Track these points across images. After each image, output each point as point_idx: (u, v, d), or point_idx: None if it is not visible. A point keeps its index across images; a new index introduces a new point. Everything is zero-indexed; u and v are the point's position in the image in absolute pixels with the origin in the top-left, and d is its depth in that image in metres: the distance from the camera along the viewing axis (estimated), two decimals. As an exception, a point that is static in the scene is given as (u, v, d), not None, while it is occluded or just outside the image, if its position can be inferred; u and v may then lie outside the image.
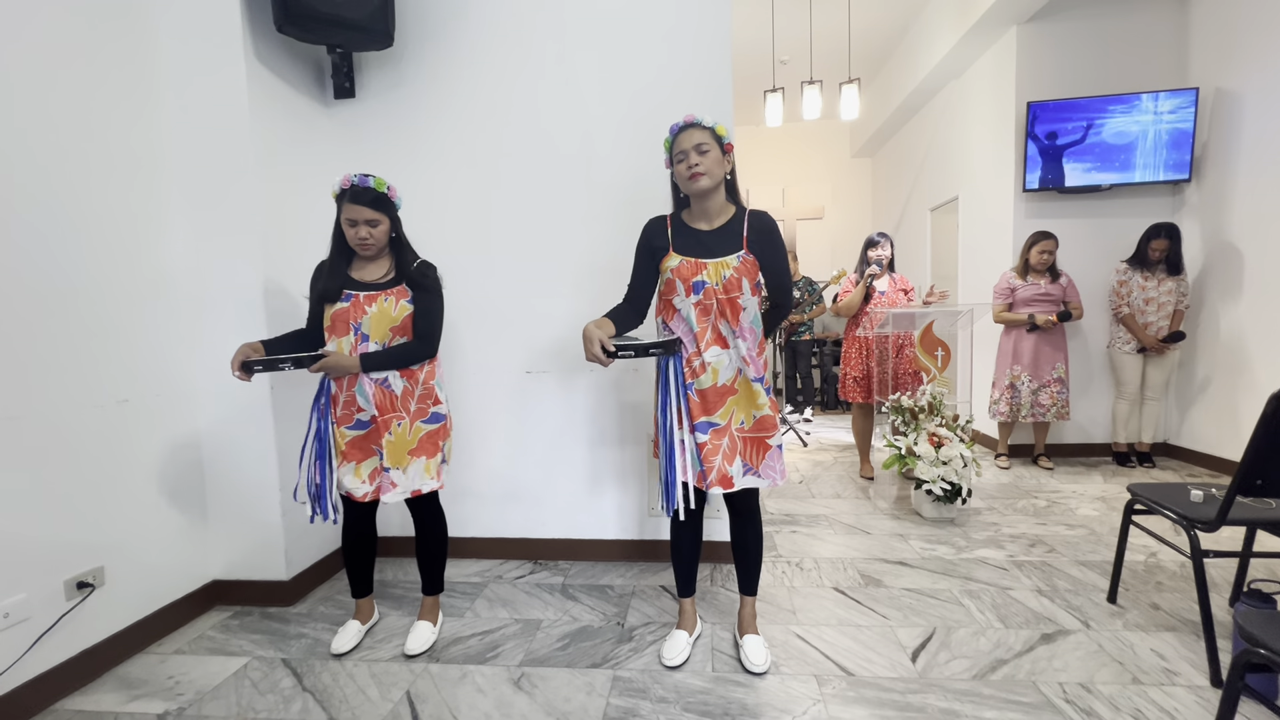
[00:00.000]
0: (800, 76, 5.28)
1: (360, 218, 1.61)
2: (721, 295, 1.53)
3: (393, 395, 1.67)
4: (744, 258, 1.54)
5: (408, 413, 1.70)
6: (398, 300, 1.66)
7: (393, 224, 1.68)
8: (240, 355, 1.56)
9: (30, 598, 1.52)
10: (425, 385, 1.73)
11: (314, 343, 1.71)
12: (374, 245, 1.65)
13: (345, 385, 1.66)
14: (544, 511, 2.40)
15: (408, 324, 1.69)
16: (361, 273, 1.70)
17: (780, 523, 2.76)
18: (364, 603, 1.88)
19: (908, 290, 3.36)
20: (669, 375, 1.56)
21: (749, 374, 1.55)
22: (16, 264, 1.51)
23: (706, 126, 1.53)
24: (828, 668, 1.62)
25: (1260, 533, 1.85)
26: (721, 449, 1.56)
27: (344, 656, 1.74)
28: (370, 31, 2.08)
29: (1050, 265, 3.44)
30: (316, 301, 1.68)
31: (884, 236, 3.31)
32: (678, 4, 2.19)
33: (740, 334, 1.54)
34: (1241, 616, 1.10)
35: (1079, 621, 1.82)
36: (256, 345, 1.63)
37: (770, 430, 1.58)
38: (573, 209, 2.30)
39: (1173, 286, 3.43)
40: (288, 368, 1.56)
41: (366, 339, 1.64)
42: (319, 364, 1.57)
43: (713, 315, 1.54)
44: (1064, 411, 3.46)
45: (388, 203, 1.65)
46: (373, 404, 1.64)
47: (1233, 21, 3.31)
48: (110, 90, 1.77)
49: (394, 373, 1.67)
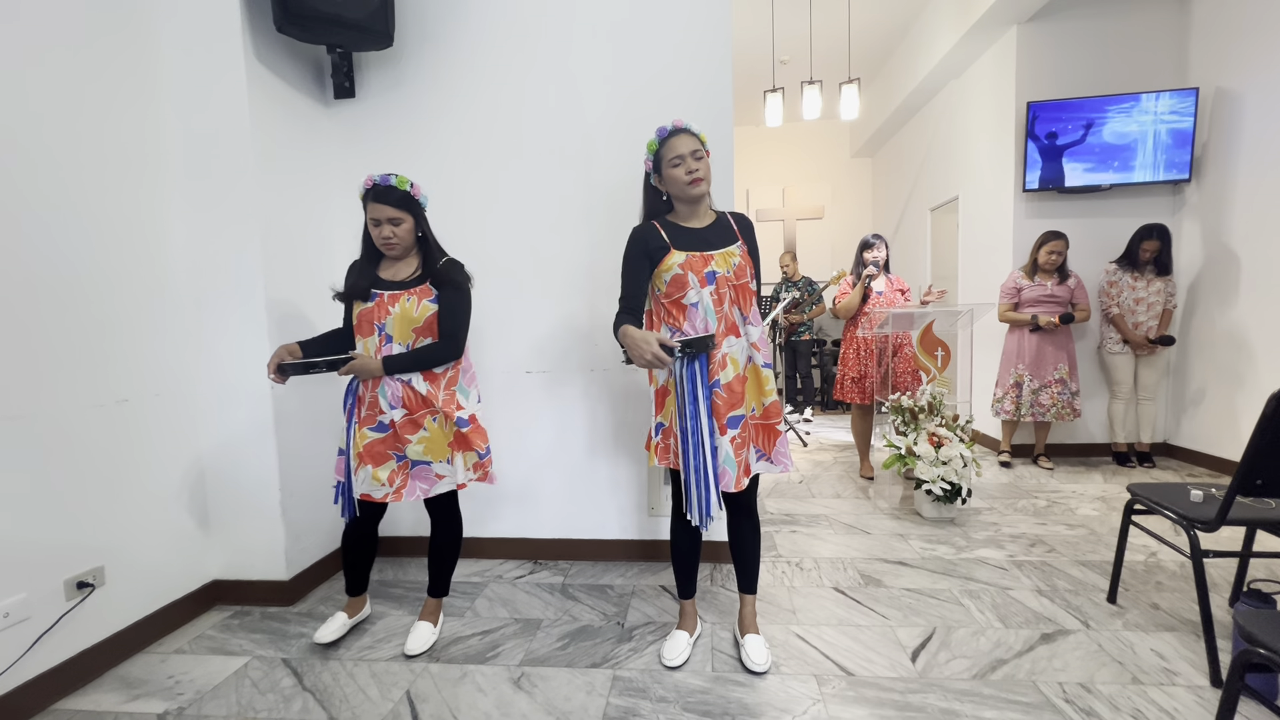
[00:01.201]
0: (800, 76, 5.28)
1: (383, 216, 1.61)
2: (735, 282, 1.56)
3: (418, 394, 1.66)
4: (743, 247, 1.60)
5: (441, 409, 1.68)
6: (420, 300, 1.64)
7: (418, 223, 1.67)
8: (276, 358, 1.57)
9: (30, 598, 1.52)
10: (448, 390, 1.70)
11: (350, 342, 1.71)
12: (399, 244, 1.64)
13: (370, 386, 1.66)
14: (544, 511, 2.40)
15: (432, 323, 1.66)
16: (390, 273, 1.70)
17: (780, 523, 2.76)
18: (356, 600, 1.89)
19: (904, 290, 3.38)
20: (691, 377, 1.49)
21: (758, 359, 1.58)
22: (17, 264, 1.51)
23: (695, 133, 1.55)
24: (828, 667, 1.62)
25: (1260, 533, 1.85)
26: (747, 439, 1.58)
27: (344, 657, 1.74)
28: (370, 31, 2.07)
29: (1059, 266, 3.43)
30: (345, 300, 1.69)
31: (878, 238, 3.32)
32: (678, 4, 2.19)
33: (751, 320, 1.58)
34: (1241, 616, 1.10)
35: (1079, 621, 1.82)
36: (293, 347, 1.64)
37: (778, 416, 1.61)
38: (573, 209, 2.30)
39: (1160, 287, 3.46)
40: (321, 370, 1.58)
41: (390, 340, 1.63)
42: (346, 367, 1.59)
43: (726, 304, 1.56)
44: (1065, 412, 3.46)
45: (411, 201, 1.64)
46: (399, 405, 1.63)
47: (1233, 21, 3.31)
48: (110, 90, 1.77)
49: (418, 374, 1.65)
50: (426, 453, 1.67)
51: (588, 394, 2.34)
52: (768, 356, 1.60)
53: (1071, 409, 3.47)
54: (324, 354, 1.66)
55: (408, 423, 1.65)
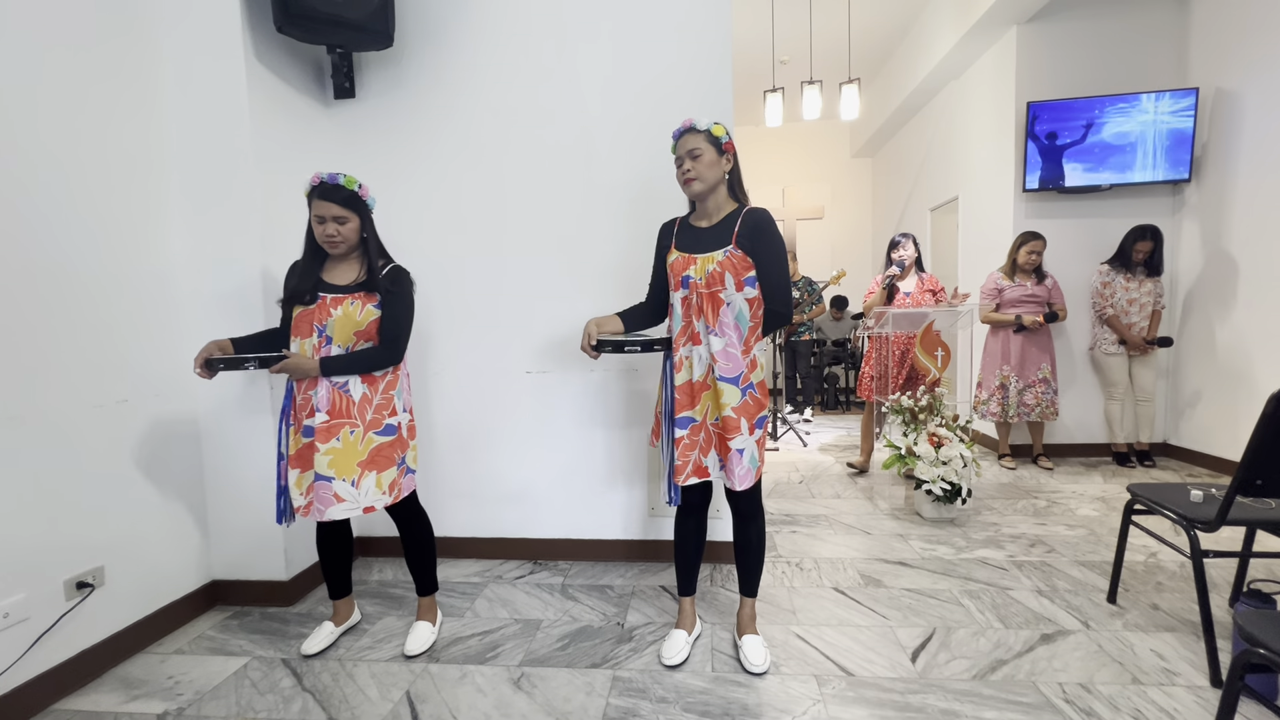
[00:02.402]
0: (800, 76, 5.28)
1: (328, 214, 1.58)
2: (703, 290, 1.55)
3: (349, 401, 1.61)
4: (730, 252, 1.53)
5: (362, 421, 1.63)
6: (364, 304, 1.62)
7: (363, 224, 1.65)
8: (205, 352, 1.54)
9: (30, 598, 1.52)
10: (385, 394, 1.68)
11: (285, 342, 1.67)
12: (342, 243, 1.62)
13: (304, 388, 1.62)
14: (544, 511, 2.40)
15: (373, 329, 1.64)
16: (332, 275, 1.67)
17: (780, 523, 2.76)
18: (341, 604, 1.87)
19: (936, 291, 3.22)
20: (667, 370, 1.63)
21: (719, 371, 1.54)
22: (17, 264, 1.51)
23: (701, 130, 1.54)
24: (828, 668, 1.62)
25: (1260, 533, 1.85)
26: (698, 443, 1.60)
27: (343, 657, 1.74)
28: (370, 31, 2.07)
29: (1037, 266, 3.45)
30: (286, 302, 1.66)
31: (906, 236, 3.25)
32: (678, 4, 2.19)
33: (717, 330, 1.54)
34: (1241, 616, 1.10)
35: (1079, 622, 1.82)
36: (224, 343, 1.61)
37: (732, 433, 1.54)
38: (573, 210, 2.30)
39: (1151, 287, 3.48)
40: (251, 367, 1.55)
41: (330, 342, 1.60)
42: (279, 365, 1.55)
43: (692, 310, 1.56)
44: (1049, 412, 3.48)
45: (358, 201, 1.62)
46: (324, 410, 1.58)
47: (1233, 21, 3.31)
48: (110, 91, 1.77)
49: (355, 378, 1.63)
50: (331, 466, 1.58)
51: (587, 394, 2.34)
52: (729, 371, 1.54)
53: (1054, 408, 3.48)
54: (256, 352, 1.63)
55: (324, 429, 1.58)
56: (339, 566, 1.84)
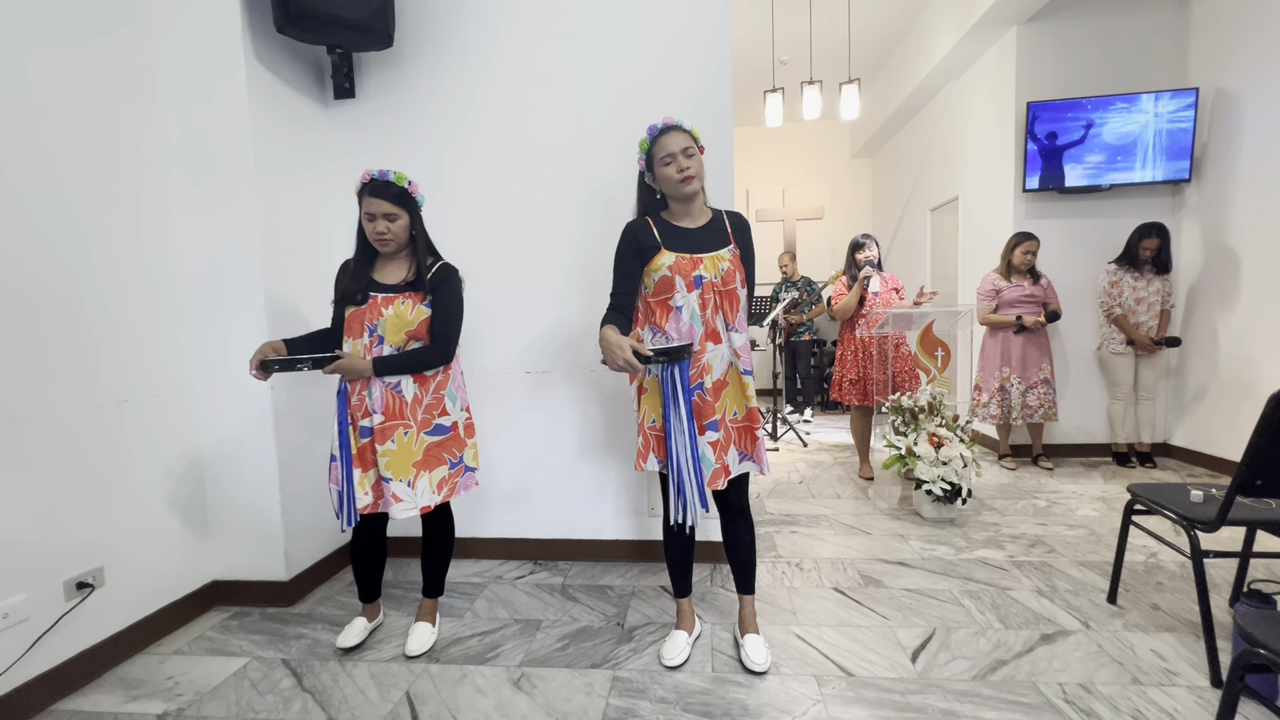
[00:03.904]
0: (800, 77, 5.28)
1: (379, 211, 1.60)
2: (721, 288, 1.56)
3: (401, 401, 1.63)
4: (734, 251, 1.59)
5: (415, 422, 1.65)
6: (414, 304, 1.63)
7: (413, 221, 1.66)
8: (259, 354, 1.56)
9: (30, 598, 1.52)
10: (436, 394, 1.69)
11: (337, 342, 1.69)
12: (392, 241, 1.63)
13: (358, 389, 1.64)
14: (543, 512, 2.40)
15: (423, 328, 1.65)
16: (382, 274, 1.68)
17: (780, 523, 2.76)
18: (370, 606, 1.88)
19: (898, 289, 3.37)
20: (674, 382, 1.50)
21: (740, 365, 1.58)
22: (17, 265, 1.51)
23: (686, 129, 1.55)
24: (828, 668, 1.62)
25: (1260, 533, 1.85)
26: (719, 443, 1.58)
27: (344, 658, 1.74)
28: (370, 32, 2.07)
29: (1031, 266, 3.45)
30: (338, 302, 1.68)
31: (869, 238, 3.33)
32: (678, 4, 2.19)
33: (737, 326, 1.57)
34: (1241, 617, 1.10)
35: (1079, 622, 1.82)
36: (278, 344, 1.62)
37: (758, 422, 1.62)
38: (572, 210, 2.30)
39: (1159, 286, 3.46)
40: (305, 368, 1.56)
41: (382, 341, 1.62)
42: (332, 366, 1.57)
43: (710, 310, 1.56)
44: (1051, 413, 3.47)
45: (408, 198, 1.63)
46: (379, 411, 1.61)
47: (1233, 21, 3.31)
48: (109, 91, 1.77)
49: (407, 378, 1.64)
50: (388, 467, 1.61)
51: (586, 394, 2.34)
52: (749, 364, 1.59)
53: (1055, 408, 3.48)
54: (310, 353, 1.65)
55: (381, 430, 1.61)
56: (372, 573, 1.84)
